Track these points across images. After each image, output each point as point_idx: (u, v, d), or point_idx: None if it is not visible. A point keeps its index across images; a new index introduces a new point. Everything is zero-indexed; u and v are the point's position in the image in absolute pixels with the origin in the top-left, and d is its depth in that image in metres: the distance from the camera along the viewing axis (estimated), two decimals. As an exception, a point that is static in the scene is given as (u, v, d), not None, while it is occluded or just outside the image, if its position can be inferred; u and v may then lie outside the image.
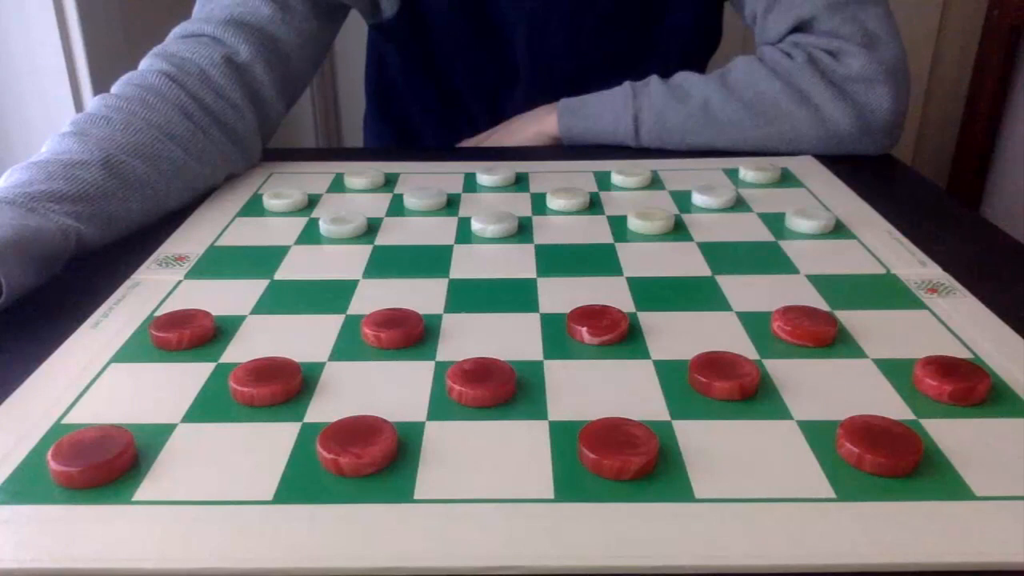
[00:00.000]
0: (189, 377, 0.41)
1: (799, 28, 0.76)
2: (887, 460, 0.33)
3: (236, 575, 0.29)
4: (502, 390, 0.38)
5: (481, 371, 0.39)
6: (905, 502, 0.32)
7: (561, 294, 0.49)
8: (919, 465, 0.33)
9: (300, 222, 0.61)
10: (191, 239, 0.58)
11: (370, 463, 0.33)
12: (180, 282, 0.51)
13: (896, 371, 0.41)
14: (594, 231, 0.59)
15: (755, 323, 0.45)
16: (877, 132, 0.73)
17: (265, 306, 0.48)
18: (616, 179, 0.68)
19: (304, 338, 0.45)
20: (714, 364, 0.40)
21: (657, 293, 0.49)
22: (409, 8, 0.84)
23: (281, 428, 0.37)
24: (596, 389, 0.39)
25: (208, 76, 0.68)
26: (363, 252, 0.56)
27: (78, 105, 0.88)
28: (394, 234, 0.59)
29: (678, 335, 0.44)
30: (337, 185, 0.69)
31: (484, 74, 0.90)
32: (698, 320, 0.46)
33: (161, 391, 0.40)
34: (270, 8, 0.72)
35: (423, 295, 0.49)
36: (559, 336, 0.44)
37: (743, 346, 0.43)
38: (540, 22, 0.85)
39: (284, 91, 0.75)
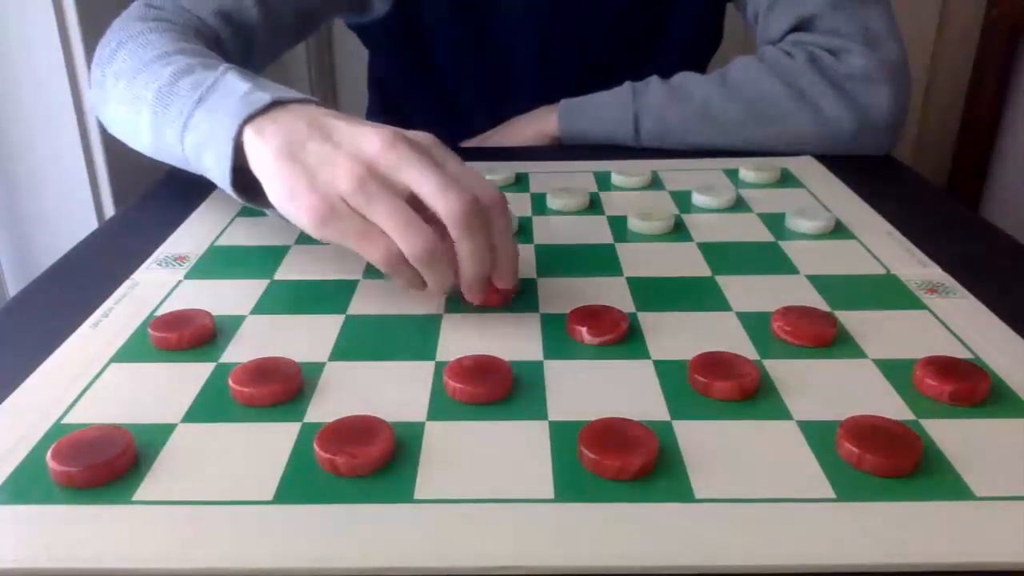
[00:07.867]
0: (189, 377, 0.41)
1: (800, 27, 0.76)
2: (887, 460, 0.33)
3: (236, 575, 0.29)
4: (499, 387, 0.38)
5: (478, 368, 0.39)
6: (905, 502, 0.32)
7: (561, 294, 0.49)
8: (919, 465, 0.33)
9: (300, 222, 0.61)
10: (191, 239, 0.58)
11: (366, 463, 0.33)
12: (180, 282, 0.51)
13: (896, 371, 0.41)
14: (594, 231, 0.59)
15: (755, 323, 0.45)
16: (877, 132, 0.73)
17: (265, 306, 0.48)
18: (616, 179, 0.68)
19: (304, 338, 0.45)
20: (714, 364, 0.40)
21: (657, 293, 0.49)
22: (402, 11, 0.84)
23: (281, 428, 0.37)
24: (596, 389, 0.39)
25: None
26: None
27: (78, 105, 0.88)
28: (394, 234, 0.59)
29: (678, 335, 0.44)
30: (337, 185, 0.69)
31: (485, 81, 0.89)
32: (698, 320, 0.46)
33: (161, 391, 0.40)
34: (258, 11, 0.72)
35: (423, 294, 0.49)
36: (559, 336, 0.44)
37: (743, 346, 0.43)
38: (549, 36, 0.86)
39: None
